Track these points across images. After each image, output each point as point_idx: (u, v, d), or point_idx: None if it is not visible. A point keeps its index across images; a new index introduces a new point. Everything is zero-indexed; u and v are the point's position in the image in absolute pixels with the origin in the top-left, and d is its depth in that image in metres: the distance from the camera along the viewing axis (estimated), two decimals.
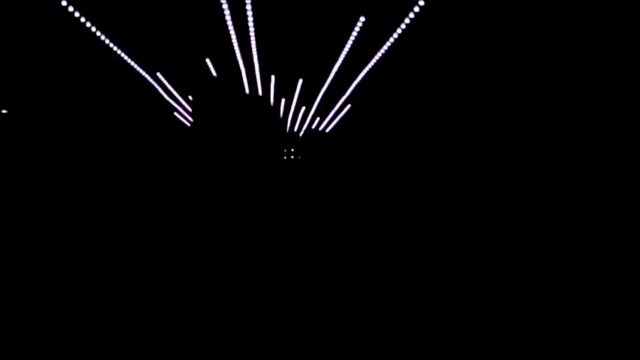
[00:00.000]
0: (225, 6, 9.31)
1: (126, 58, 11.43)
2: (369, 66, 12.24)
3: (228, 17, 9.81)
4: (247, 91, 15.29)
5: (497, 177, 9.45)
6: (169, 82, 14.16)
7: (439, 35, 9.95)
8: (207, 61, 13.07)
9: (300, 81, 14.82)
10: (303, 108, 17.14)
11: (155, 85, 14.06)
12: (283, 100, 16.39)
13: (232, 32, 10.67)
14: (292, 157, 19.92)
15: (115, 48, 10.69)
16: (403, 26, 9.77)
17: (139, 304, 4.01)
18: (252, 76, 14.05)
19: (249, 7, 9.35)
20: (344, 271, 5.27)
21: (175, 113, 17.39)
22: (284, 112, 17.62)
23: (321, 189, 13.90)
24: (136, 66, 12.18)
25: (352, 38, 10.99)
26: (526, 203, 8.78)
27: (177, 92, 15.07)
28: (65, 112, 12.14)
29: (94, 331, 3.39)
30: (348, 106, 16.43)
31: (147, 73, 13.07)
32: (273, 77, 14.47)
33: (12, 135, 11.20)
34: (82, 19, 9.03)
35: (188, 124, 18.68)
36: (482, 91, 9.34)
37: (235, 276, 4.96)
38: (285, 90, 15.48)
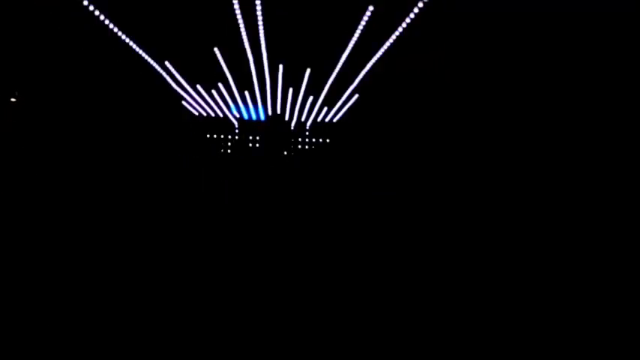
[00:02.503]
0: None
1: (134, 46, 11.44)
2: (377, 56, 12.16)
3: (236, 6, 9.77)
4: (255, 80, 15.28)
5: (498, 177, 9.39)
6: (177, 71, 14.16)
7: (447, 30, 9.85)
8: (215, 49, 13.04)
9: (308, 70, 14.76)
10: (311, 98, 17.06)
11: (163, 73, 14.07)
12: (291, 90, 16.34)
13: (240, 21, 10.62)
14: (298, 148, 19.91)
15: (123, 36, 10.69)
16: (412, 16, 9.68)
17: (138, 304, 4.00)
18: (261, 65, 14.02)
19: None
20: (343, 270, 5.26)
21: (183, 102, 17.40)
22: (291, 102, 17.57)
23: (321, 186, 13.90)
24: (143, 54, 12.18)
25: (361, 27, 10.91)
26: (526, 203, 8.73)
27: (185, 81, 15.08)
28: (68, 103, 12.22)
29: (93, 331, 3.37)
30: (356, 96, 16.34)
31: (155, 61, 13.08)
32: (281, 67, 14.43)
33: (19, 123, 11.30)
34: (90, 7, 9.03)
35: (195, 113, 18.70)
36: (487, 89, 9.25)
37: (235, 275, 4.96)
38: (293, 79, 15.44)
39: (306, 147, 19.98)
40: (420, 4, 9.35)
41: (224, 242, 6.55)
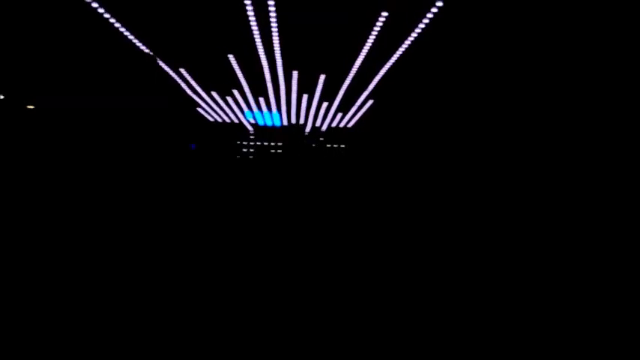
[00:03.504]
0: (248, 1, 9.34)
1: (149, 52, 11.61)
2: (391, 62, 12.14)
3: (251, 13, 9.85)
4: (270, 86, 15.39)
5: (500, 176, 9.31)
6: (193, 78, 14.34)
7: (460, 35, 9.79)
8: (231, 57, 13.15)
9: (323, 77, 14.80)
10: (325, 104, 17.13)
11: (178, 80, 14.27)
12: (305, 96, 16.43)
13: (255, 28, 10.71)
14: (313, 152, 19.99)
15: (138, 42, 10.86)
16: (425, 21, 9.65)
17: (139, 303, 4.02)
18: (275, 71, 14.10)
19: (271, 2, 9.36)
20: (345, 271, 5.26)
21: (198, 109, 17.61)
22: (306, 107, 17.65)
23: (336, 190, 13.91)
24: (160, 62, 12.35)
25: (374, 33, 10.91)
26: (528, 203, 8.64)
27: (201, 88, 15.27)
28: (84, 107, 12.42)
29: (92, 331, 3.39)
30: (370, 101, 16.36)
31: (170, 68, 13.26)
32: (295, 73, 14.50)
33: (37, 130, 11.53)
34: (105, 15, 9.19)
35: (210, 119, 18.92)
36: (504, 97, 9.17)
37: (237, 275, 4.98)
38: (307, 86, 15.50)
39: (321, 151, 20.04)
40: (435, 10, 9.31)
41: (237, 242, 6.60)
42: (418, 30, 10.29)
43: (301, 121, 19.72)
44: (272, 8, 9.61)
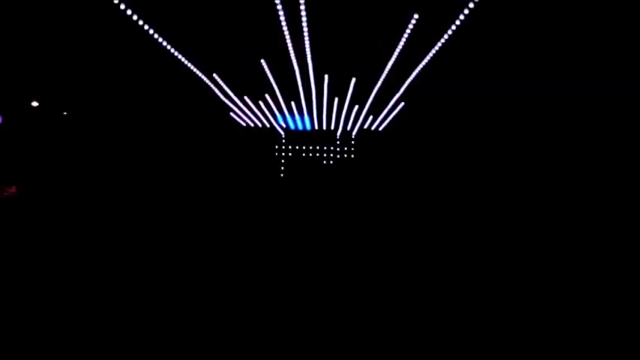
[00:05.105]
0: (279, 6, 9.42)
1: (182, 59, 11.83)
2: (422, 64, 12.00)
3: (282, 17, 9.92)
4: (301, 90, 15.45)
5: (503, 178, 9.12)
6: (225, 83, 14.53)
7: (491, 35, 9.61)
8: (262, 61, 13.28)
9: (354, 80, 14.77)
10: (356, 107, 17.08)
11: (211, 85, 14.48)
12: (337, 99, 16.42)
13: (286, 32, 10.78)
14: (344, 156, 19.93)
15: (171, 48, 11.06)
16: (457, 23, 9.50)
17: (140, 302, 4.00)
18: (306, 75, 14.13)
19: (302, 6, 9.41)
20: (349, 272, 5.23)
21: (231, 114, 17.84)
22: (337, 111, 17.63)
23: (366, 194, 13.85)
24: (191, 66, 12.58)
25: (406, 35, 10.80)
26: (531, 204, 8.46)
27: (233, 93, 15.45)
28: (120, 111, 12.77)
29: (90, 331, 3.34)
30: (402, 104, 16.22)
31: (203, 73, 13.48)
32: (326, 76, 14.51)
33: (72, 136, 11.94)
34: (139, 21, 9.39)
35: (243, 124, 19.13)
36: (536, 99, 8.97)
37: (244, 275, 4.97)
38: (338, 89, 15.49)
39: (352, 155, 20.01)
40: (466, 11, 9.16)
41: (244, 239, 6.65)
42: (450, 32, 10.13)
43: (332, 124, 19.75)
44: (303, 12, 9.64)
